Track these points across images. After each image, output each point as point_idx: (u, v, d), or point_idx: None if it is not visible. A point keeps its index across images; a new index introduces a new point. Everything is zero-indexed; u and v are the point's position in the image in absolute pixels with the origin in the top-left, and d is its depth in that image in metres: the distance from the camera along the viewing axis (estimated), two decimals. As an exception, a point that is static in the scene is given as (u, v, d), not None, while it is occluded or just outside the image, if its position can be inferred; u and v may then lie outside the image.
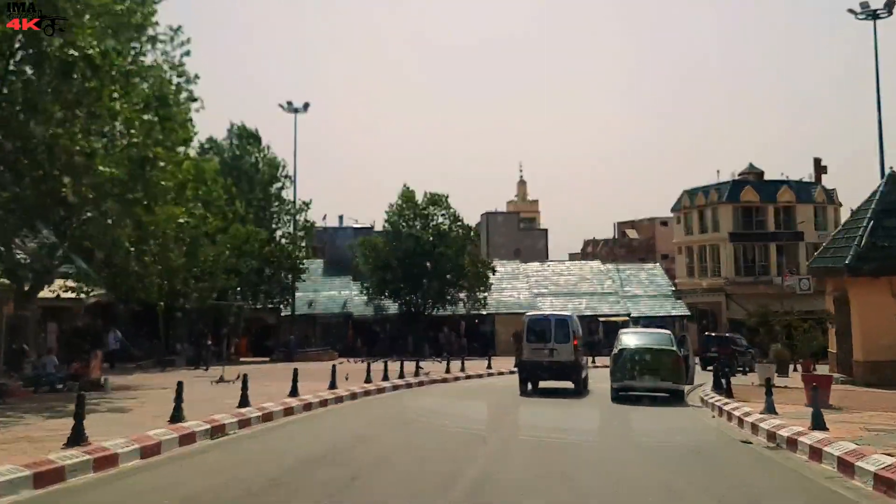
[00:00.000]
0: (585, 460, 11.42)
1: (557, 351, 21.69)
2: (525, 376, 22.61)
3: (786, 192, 60.82)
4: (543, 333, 21.96)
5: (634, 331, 23.04)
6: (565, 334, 21.85)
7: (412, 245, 50.64)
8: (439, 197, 52.99)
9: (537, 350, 21.95)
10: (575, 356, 21.84)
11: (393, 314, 53.09)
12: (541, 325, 22.39)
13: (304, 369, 23.14)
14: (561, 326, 22.09)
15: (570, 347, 21.77)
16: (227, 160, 45.88)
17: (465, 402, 20.46)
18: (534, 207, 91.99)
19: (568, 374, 22.08)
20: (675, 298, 59.38)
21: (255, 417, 15.22)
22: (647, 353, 19.89)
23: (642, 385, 19.76)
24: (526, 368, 22.52)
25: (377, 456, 11.62)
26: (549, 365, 21.80)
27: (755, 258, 60.88)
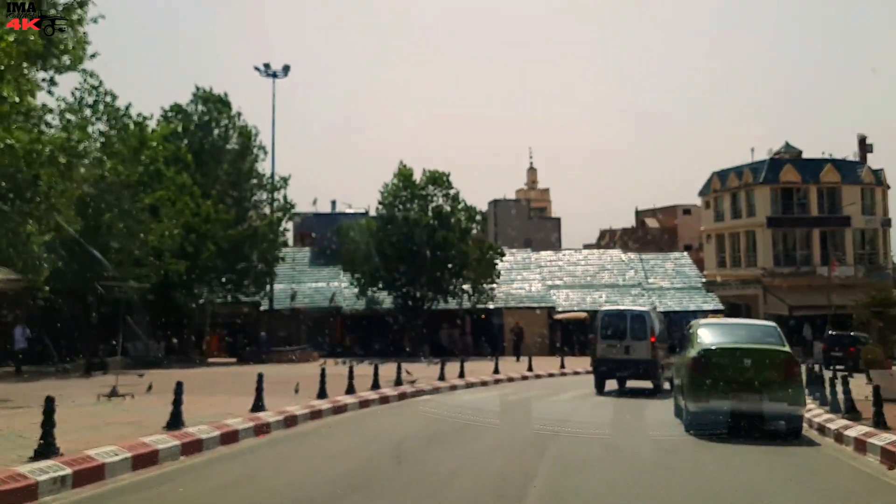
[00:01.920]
0: None
1: (633, 348, 20.19)
2: (600, 374, 20.80)
3: (830, 172, 52.85)
4: (619, 329, 20.48)
5: (718, 323, 15.21)
6: (642, 330, 20.33)
7: (409, 229, 43.04)
8: (440, 175, 45.40)
9: (612, 347, 20.37)
10: (653, 354, 20.06)
11: (387, 308, 45.55)
12: (616, 321, 20.83)
13: (270, 374, 17.09)
14: (637, 322, 20.54)
15: (647, 344, 20.13)
16: (193, 129, 38.30)
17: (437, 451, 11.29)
18: (544, 196, 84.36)
19: (645, 372, 20.42)
20: (706, 291, 51.59)
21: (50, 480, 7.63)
22: (746, 357, 12.18)
23: (740, 407, 12.04)
24: (601, 366, 20.75)
25: None
26: (624, 363, 20.23)
27: (796, 245, 52.96)
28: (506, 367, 28.26)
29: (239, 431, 11.67)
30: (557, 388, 21.68)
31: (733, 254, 55.56)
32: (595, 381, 20.83)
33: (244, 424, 12.03)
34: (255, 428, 12.15)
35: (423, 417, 14.39)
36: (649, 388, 20.81)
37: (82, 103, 27.14)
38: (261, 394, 13.59)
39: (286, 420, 13.19)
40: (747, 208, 54.08)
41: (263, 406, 13.54)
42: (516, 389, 21.35)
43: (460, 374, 23.10)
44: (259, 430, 12.20)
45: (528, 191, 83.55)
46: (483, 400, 18.03)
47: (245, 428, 11.92)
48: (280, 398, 16.09)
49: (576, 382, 25.17)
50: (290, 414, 13.53)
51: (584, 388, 21.31)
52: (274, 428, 12.53)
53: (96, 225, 25.82)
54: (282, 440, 11.81)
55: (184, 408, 11.39)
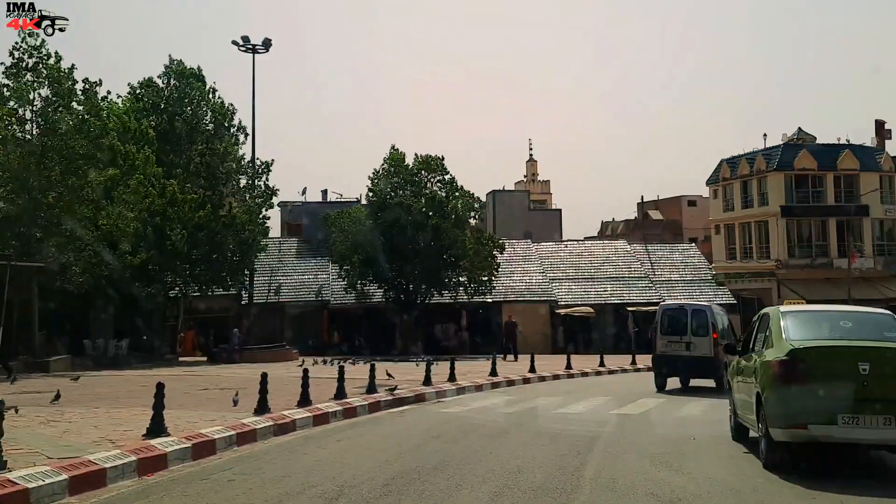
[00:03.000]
0: None
1: (694, 345, 19.03)
2: (660, 372, 19.61)
3: (847, 158, 48.70)
4: (679, 325, 19.37)
5: (807, 310, 10.52)
6: (704, 327, 19.12)
7: (400, 217, 38.90)
8: (433, 160, 41.29)
9: (672, 343, 19.28)
10: (714, 351, 18.70)
11: (378, 302, 41.38)
12: (676, 317, 19.68)
13: (227, 377, 16.48)
14: (698, 318, 19.30)
15: (709, 341, 18.89)
16: (163, 106, 34.11)
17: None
18: (545, 189, 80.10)
19: (707, 370, 19.22)
20: (717, 284, 47.46)
21: None
22: (862, 360, 7.93)
23: (855, 436, 7.86)
24: (661, 363, 19.59)
25: None
26: (685, 360, 19.09)
27: (811, 236, 48.82)
28: (505, 368, 24.12)
29: (104, 471, 7.53)
30: (569, 394, 17.53)
31: (744, 245, 51.50)
32: (655, 379, 19.63)
33: (137, 454, 7.88)
34: (150, 459, 8.03)
35: (390, 443, 10.20)
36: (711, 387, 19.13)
37: (20, 66, 23.16)
38: (160, 412, 9.42)
39: (219, 441, 9.24)
40: (759, 197, 49.97)
41: (164, 429, 9.42)
42: (519, 396, 17.16)
43: (450, 377, 18.93)
44: (156, 461, 8.11)
45: (528, 183, 79.29)
46: (478, 413, 13.83)
47: (128, 462, 7.80)
48: (208, 412, 12.05)
49: (586, 386, 21.07)
50: (232, 430, 9.55)
51: (598, 395, 17.17)
52: (122, 475, 7.98)
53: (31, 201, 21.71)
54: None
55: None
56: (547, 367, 25.93)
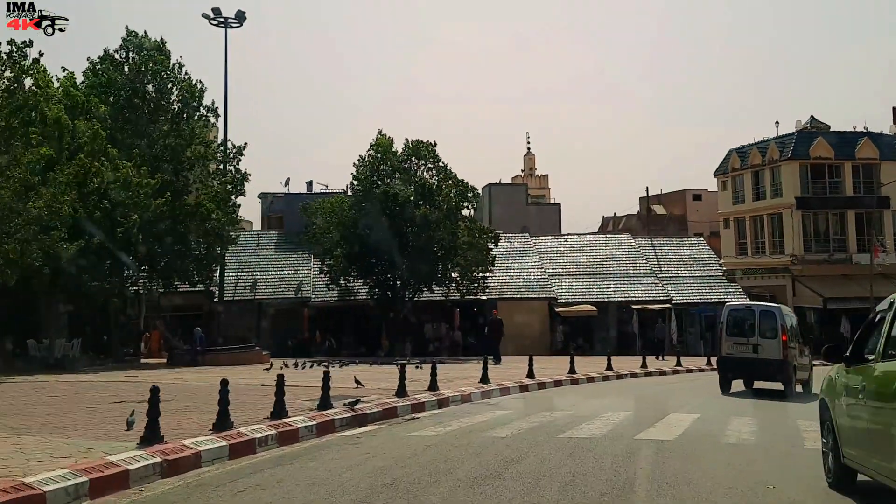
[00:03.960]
0: None
1: (762, 347, 17.81)
2: (725, 374, 18.72)
3: (866, 147, 45.19)
4: (746, 326, 18.28)
5: None
6: (772, 328, 17.88)
7: (387, 206, 35.45)
8: (424, 145, 37.85)
9: (738, 345, 18.15)
10: (784, 353, 17.50)
11: (363, 299, 37.95)
12: (743, 318, 18.62)
13: (164, 386, 12.51)
14: (767, 319, 18.11)
15: (778, 343, 17.60)
16: (121, 81, 30.59)
17: None
18: (543, 184, 76.67)
19: (774, 373, 17.99)
20: (728, 281, 44.03)
21: None
22: None
23: None
24: (726, 365, 18.65)
25: None
26: (752, 362, 17.95)
27: (829, 229, 45.33)
28: (498, 374, 20.64)
29: None
30: (576, 407, 14.05)
31: (756, 240, 47.93)
32: (720, 382, 18.76)
33: None
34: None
35: (315, 496, 6.67)
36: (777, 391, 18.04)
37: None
38: None
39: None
40: (772, 188, 46.43)
41: None
42: (514, 410, 13.60)
43: (431, 386, 15.43)
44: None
45: (526, 177, 75.86)
46: (459, 438, 10.19)
47: None
48: (78, 440, 8.56)
49: (596, 395, 17.65)
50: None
51: (614, 407, 13.65)
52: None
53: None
54: None
55: None
56: (547, 372, 22.48)
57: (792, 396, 17.44)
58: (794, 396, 17.53)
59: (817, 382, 20.22)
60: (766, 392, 18.39)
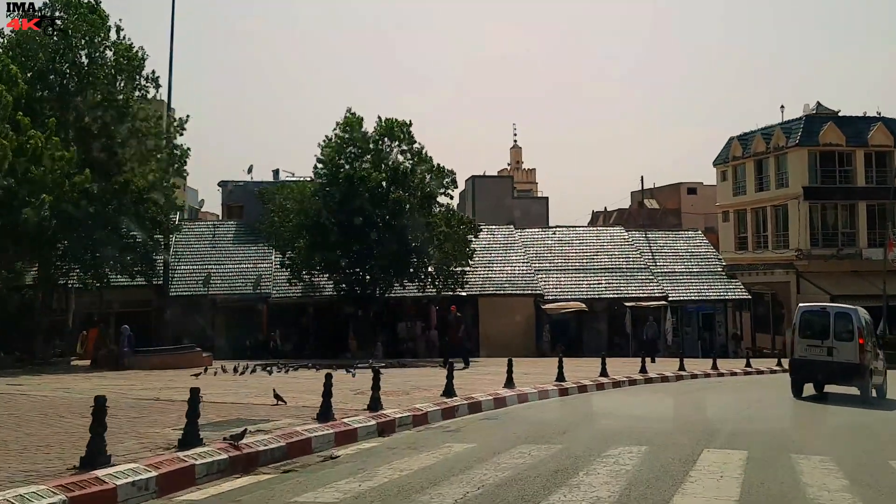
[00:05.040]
0: None
1: (837, 350, 16.91)
2: (798, 377, 17.87)
3: (880, 133, 41.53)
4: (821, 329, 17.34)
5: None
6: (848, 331, 16.97)
7: (354, 192, 31.48)
8: (399, 125, 33.85)
9: (812, 347, 17.29)
10: (860, 357, 16.66)
11: (329, 296, 33.95)
12: (817, 319, 17.62)
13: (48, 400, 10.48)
14: (842, 321, 17.16)
15: (855, 346, 16.71)
16: (40, 41, 26.43)
17: None
18: (530, 178, 72.83)
19: (850, 377, 17.12)
20: (729, 277, 40.24)
21: None
22: None
23: None
24: (799, 368, 17.74)
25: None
26: (826, 366, 17.09)
27: (837, 222, 41.64)
28: (469, 381, 16.75)
29: None
30: (566, 435, 10.18)
31: (758, 233, 44.24)
32: (792, 385, 18.05)
33: None
34: None
35: None
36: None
37: None
38: None
39: None
40: (777, 177, 42.76)
41: None
42: (481, 446, 9.44)
43: (372, 405, 11.42)
44: None
45: (513, 171, 71.91)
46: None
47: None
48: None
49: (592, 415, 13.84)
50: None
51: (622, 439, 9.69)
52: None
53: None
54: None
55: None
56: (530, 378, 18.65)
57: (868, 403, 16.64)
58: (871, 404, 16.64)
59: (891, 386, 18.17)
60: (835, 397, 17.60)
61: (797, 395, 17.65)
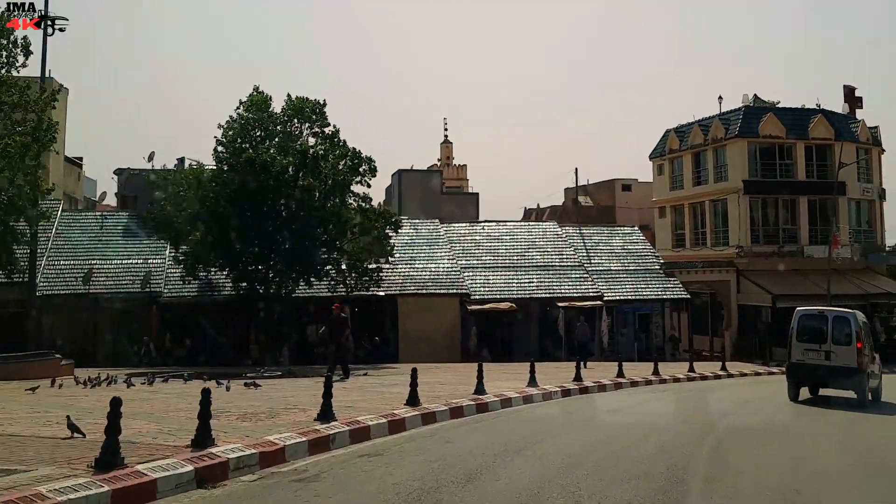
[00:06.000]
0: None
1: (835, 354, 16.77)
2: (795, 381, 17.74)
3: (820, 125, 39.61)
4: (818, 333, 17.18)
5: None
6: (846, 335, 16.88)
7: (258, 178, 27.78)
8: (310, 104, 30.33)
9: (810, 351, 17.21)
10: (859, 361, 16.55)
11: (229, 295, 30.14)
12: (815, 323, 17.46)
13: None
14: (840, 325, 17.03)
15: (853, 350, 16.66)
16: None
17: None
18: (461, 174, 69.78)
19: (848, 381, 16.87)
20: (666, 275, 37.76)
21: None
22: None
23: None
24: (796, 372, 17.62)
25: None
26: (824, 369, 16.88)
27: (778, 218, 39.57)
28: (357, 398, 13.41)
29: None
30: (474, 482, 6.92)
31: (696, 230, 41.99)
32: (788, 389, 17.71)
33: None
34: None
35: None
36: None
37: None
38: None
39: None
40: (716, 171, 40.54)
41: None
42: None
43: (197, 439, 7.94)
44: None
45: (443, 167, 68.68)
46: None
47: None
48: None
49: (515, 444, 10.60)
50: None
51: (551, 482, 6.46)
52: None
53: None
54: None
55: None
56: (445, 390, 15.49)
57: (865, 406, 16.54)
58: (870, 408, 16.56)
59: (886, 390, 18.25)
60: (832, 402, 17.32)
61: (794, 399, 17.55)
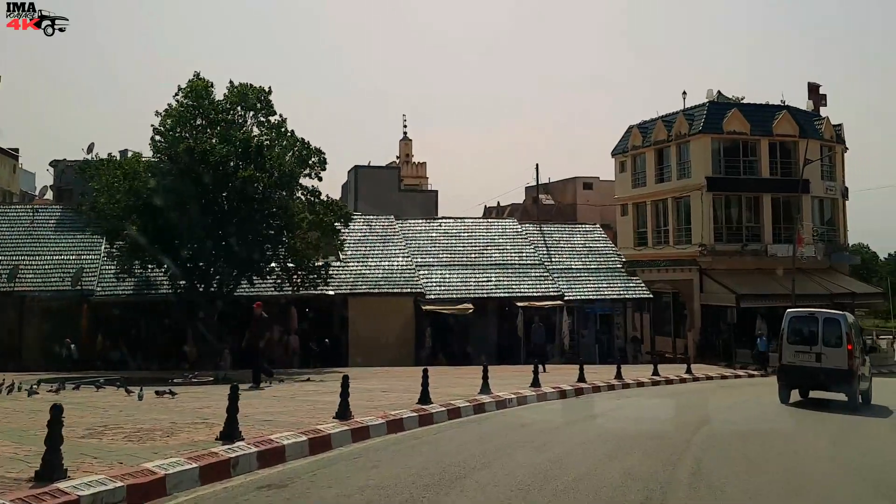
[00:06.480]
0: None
1: (826, 356, 16.80)
2: (786, 384, 17.81)
3: (785, 122, 38.75)
4: (809, 334, 17.30)
5: None
6: (837, 337, 16.93)
7: (197, 168, 25.87)
8: (255, 91, 28.44)
9: (801, 353, 17.25)
10: (850, 363, 16.62)
11: (165, 294, 28.18)
12: (806, 325, 17.53)
13: None
14: (831, 327, 17.10)
15: (844, 352, 16.68)
16: None
17: None
18: (420, 172, 68.21)
19: (839, 383, 16.95)
20: (628, 274, 36.56)
21: None
22: None
23: None
24: (787, 375, 17.68)
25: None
26: (815, 372, 17.04)
27: (742, 216, 38.61)
28: (291, 406, 11.79)
29: None
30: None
31: (658, 228, 40.91)
32: (779, 391, 17.76)
33: None
34: None
35: None
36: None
37: None
38: None
39: None
40: (679, 167, 39.51)
41: None
42: None
43: (42, 471, 6.26)
44: None
45: (402, 165, 67.04)
46: None
47: None
48: None
49: (452, 474, 9.01)
50: None
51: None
52: None
53: None
54: None
55: None
56: (387, 399, 13.90)
57: (856, 409, 16.69)
58: (862, 411, 16.67)
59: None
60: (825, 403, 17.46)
61: (784, 401, 17.58)
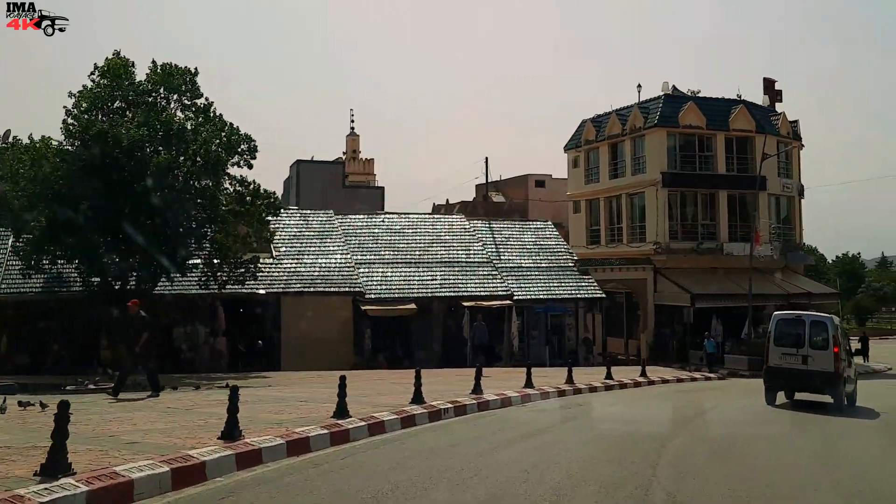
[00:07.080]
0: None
1: (813, 358, 16.88)
2: (772, 386, 17.82)
3: (741, 116, 37.56)
4: (795, 337, 17.31)
5: None
6: (824, 339, 17.03)
7: (110, 155, 23.49)
8: (179, 72, 26.05)
9: (787, 356, 17.22)
10: (836, 365, 16.60)
11: (78, 291, 25.69)
12: (792, 328, 17.57)
13: None
14: (818, 330, 17.18)
15: (830, 355, 16.71)
16: None
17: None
18: (367, 168, 66.15)
19: (825, 386, 16.97)
20: (581, 273, 34.98)
21: None
22: None
23: None
24: (774, 377, 17.66)
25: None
26: (801, 374, 17.07)
27: (697, 213, 37.33)
28: (177, 423, 9.70)
29: None
30: None
31: (612, 225, 39.46)
32: (766, 393, 17.73)
33: None
34: None
35: None
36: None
37: None
38: None
39: None
40: (633, 163, 38.10)
41: None
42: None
43: None
44: None
45: (349, 161, 64.91)
46: None
47: None
48: None
49: (358, 481, 6.97)
50: None
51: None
52: None
53: None
54: None
55: None
56: (301, 411, 11.92)
57: (841, 411, 16.62)
58: (845, 412, 16.60)
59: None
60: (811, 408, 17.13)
61: (770, 403, 17.57)
